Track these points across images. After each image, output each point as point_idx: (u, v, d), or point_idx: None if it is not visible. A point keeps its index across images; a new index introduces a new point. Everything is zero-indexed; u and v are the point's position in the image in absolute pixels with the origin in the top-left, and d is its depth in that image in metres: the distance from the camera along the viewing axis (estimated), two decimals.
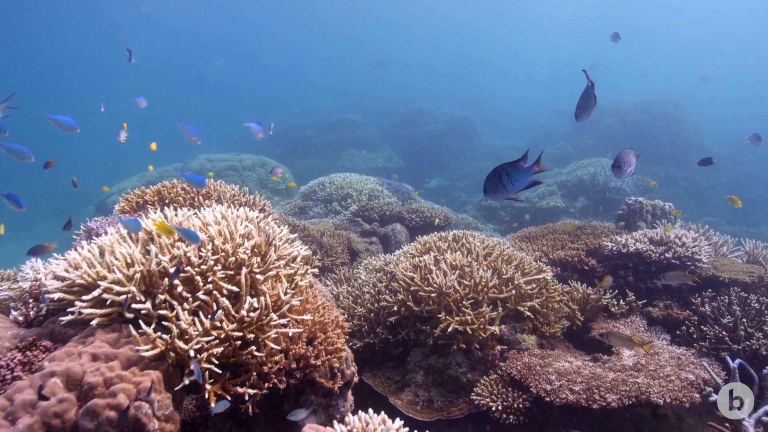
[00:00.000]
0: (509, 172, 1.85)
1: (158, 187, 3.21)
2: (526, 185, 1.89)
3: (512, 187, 1.85)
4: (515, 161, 1.85)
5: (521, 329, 3.48)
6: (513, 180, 1.84)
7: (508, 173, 1.85)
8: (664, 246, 3.93)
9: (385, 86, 31.62)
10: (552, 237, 4.65)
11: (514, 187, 1.85)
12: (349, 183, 8.01)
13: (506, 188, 1.86)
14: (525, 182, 1.86)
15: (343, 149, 19.48)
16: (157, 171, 13.22)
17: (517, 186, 1.85)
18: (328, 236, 4.96)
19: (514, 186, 1.85)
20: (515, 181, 1.84)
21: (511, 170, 1.85)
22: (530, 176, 1.86)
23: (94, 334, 1.83)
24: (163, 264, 1.97)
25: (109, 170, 27.93)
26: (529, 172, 1.85)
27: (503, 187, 1.86)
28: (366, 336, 3.60)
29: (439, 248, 3.96)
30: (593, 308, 3.74)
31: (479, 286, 3.45)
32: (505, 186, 1.86)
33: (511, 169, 1.85)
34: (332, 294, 4.16)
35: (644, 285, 3.90)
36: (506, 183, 1.85)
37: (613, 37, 5.28)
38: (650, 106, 16.89)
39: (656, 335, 3.57)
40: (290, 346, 2.14)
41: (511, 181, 1.84)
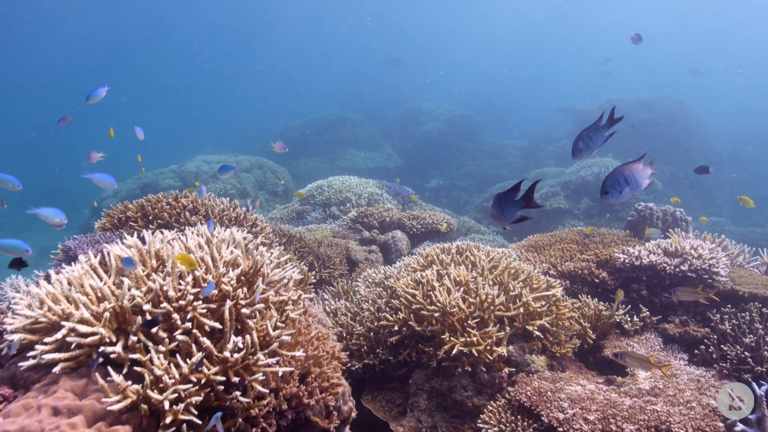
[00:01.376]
0: (501, 203, 1.98)
1: (142, 201, 3.00)
2: (515, 218, 2.02)
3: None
4: (507, 192, 1.97)
5: (530, 349, 3.28)
6: (504, 209, 1.99)
7: (500, 204, 1.99)
8: (679, 258, 3.72)
9: (384, 85, 31.32)
10: (560, 246, 4.45)
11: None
12: (348, 187, 7.80)
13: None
14: (513, 215, 2.00)
15: (342, 149, 19.26)
16: (153, 173, 13.02)
17: (507, 216, 1.99)
18: (325, 246, 4.76)
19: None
20: (506, 211, 1.98)
21: (503, 201, 1.98)
22: (518, 210, 1.99)
23: (58, 382, 1.63)
24: (137, 300, 1.76)
25: (108, 169, 27.75)
26: (517, 206, 1.97)
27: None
28: (365, 356, 3.40)
29: (442, 261, 3.76)
30: (605, 325, 3.54)
31: (485, 303, 3.25)
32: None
33: (503, 200, 1.98)
34: (330, 310, 3.96)
35: (659, 299, 3.70)
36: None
37: (634, 39, 5.04)
38: (653, 104, 16.66)
39: (673, 354, 3.37)
40: (281, 385, 1.94)
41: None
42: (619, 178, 2.06)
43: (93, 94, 2.75)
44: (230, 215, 3.08)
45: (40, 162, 30.37)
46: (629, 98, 17.52)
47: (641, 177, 2.08)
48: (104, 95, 2.73)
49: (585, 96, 25.29)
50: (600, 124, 2.12)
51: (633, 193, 2.08)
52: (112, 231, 2.87)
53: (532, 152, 18.75)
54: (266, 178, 12.98)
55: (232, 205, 3.23)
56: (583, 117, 17.94)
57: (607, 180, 2.08)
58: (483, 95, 31.15)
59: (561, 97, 31.36)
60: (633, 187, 2.06)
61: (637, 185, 2.06)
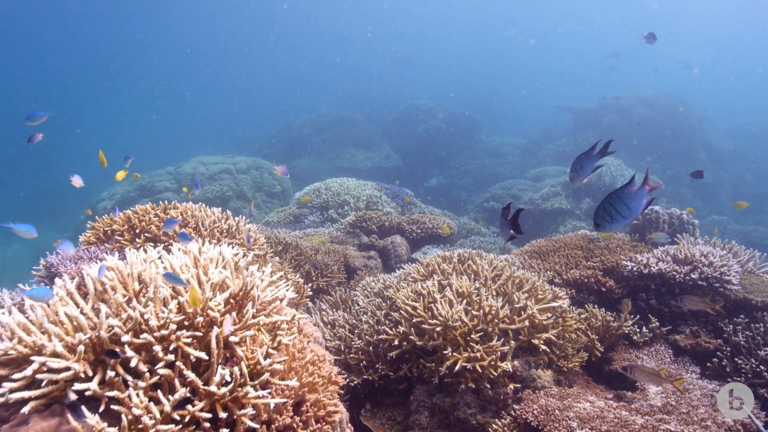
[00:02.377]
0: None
1: (129, 213, 2.86)
2: (508, 236, 1.98)
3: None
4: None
5: (536, 364, 3.15)
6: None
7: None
8: (688, 265, 3.59)
9: (382, 83, 31.14)
10: (564, 253, 4.32)
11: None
12: (346, 189, 7.66)
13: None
14: (507, 233, 1.96)
15: (340, 148, 19.11)
16: (149, 175, 12.85)
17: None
18: (322, 254, 4.62)
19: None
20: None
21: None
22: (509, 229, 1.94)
23: (28, 422, 1.50)
24: (116, 330, 1.63)
25: (107, 169, 27.56)
26: (508, 225, 1.92)
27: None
28: (364, 371, 3.26)
29: (444, 271, 3.62)
30: (613, 337, 3.41)
31: (489, 316, 3.12)
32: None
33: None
34: (327, 320, 3.83)
35: (668, 309, 3.57)
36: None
37: (648, 38, 4.89)
38: (654, 101, 16.52)
39: (684, 367, 3.24)
40: (273, 416, 1.80)
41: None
42: (609, 207, 1.84)
43: (33, 115, 2.63)
44: (221, 227, 2.94)
45: (37, 163, 30.18)
46: (630, 96, 17.38)
47: (636, 200, 1.83)
48: (43, 119, 2.61)
49: (585, 93, 25.10)
50: (592, 153, 2.03)
51: (628, 221, 1.86)
52: (98, 245, 2.73)
53: (532, 150, 18.61)
54: (263, 179, 12.83)
55: (224, 216, 3.09)
56: (583, 115, 17.80)
57: (598, 210, 1.87)
58: (482, 92, 30.97)
59: (560, 94, 31.21)
60: (627, 214, 1.83)
61: (631, 211, 1.83)
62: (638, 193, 1.79)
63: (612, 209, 1.81)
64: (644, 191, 1.79)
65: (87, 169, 23.39)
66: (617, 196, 1.81)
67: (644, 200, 1.80)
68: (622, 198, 1.80)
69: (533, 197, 10.52)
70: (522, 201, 10.53)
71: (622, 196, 1.80)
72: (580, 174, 2.03)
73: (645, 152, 15.14)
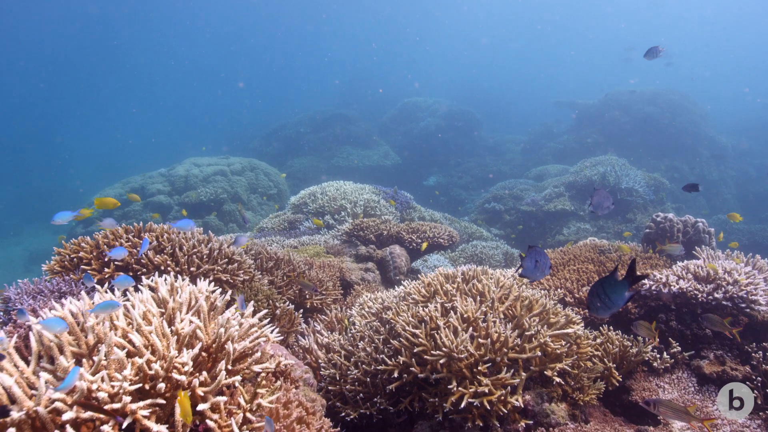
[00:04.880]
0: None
1: (99, 238, 2.57)
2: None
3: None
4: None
5: (548, 397, 2.88)
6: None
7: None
8: (711, 284, 3.32)
9: (379, 80, 30.76)
10: (575, 267, 4.04)
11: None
12: (343, 194, 7.38)
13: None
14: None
15: (338, 147, 18.79)
16: (142, 176, 12.54)
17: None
18: (316, 268, 4.35)
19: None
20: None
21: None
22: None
23: None
24: (58, 405, 1.35)
25: (101, 170, 27.25)
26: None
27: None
28: (361, 405, 2.99)
29: (447, 292, 3.35)
30: (632, 363, 3.14)
31: (497, 344, 2.84)
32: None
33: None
34: (322, 343, 3.56)
35: (690, 331, 3.30)
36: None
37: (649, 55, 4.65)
38: (657, 97, 16.22)
39: (709, 398, 2.98)
40: None
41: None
42: (599, 292, 1.94)
43: (58, 216, 2.40)
44: (201, 252, 2.65)
45: (30, 163, 29.83)
46: (633, 91, 17.07)
47: (616, 293, 1.92)
48: (69, 219, 2.37)
49: (590, 89, 24.70)
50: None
51: (613, 310, 1.95)
52: (63, 275, 2.45)
53: (533, 148, 18.31)
54: (259, 180, 12.53)
55: (204, 238, 2.80)
56: (584, 111, 17.50)
57: (591, 294, 1.97)
58: (481, 88, 30.60)
59: (562, 90, 30.88)
60: (610, 305, 1.94)
61: (613, 303, 1.94)
62: (619, 285, 1.90)
63: (602, 296, 1.92)
64: (625, 285, 1.88)
65: (78, 169, 23.01)
66: (601, 285, 1.93)
67: (624, 293, 1.89)
68: (604, 288, 1.91)
69: (536, 198, 10.24)
70: (524, 202, 10.25)
71: (604, 286, 1.91)
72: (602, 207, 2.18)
73: (648, 149, 14.88)
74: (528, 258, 2.12)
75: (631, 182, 9.57)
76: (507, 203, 10.55)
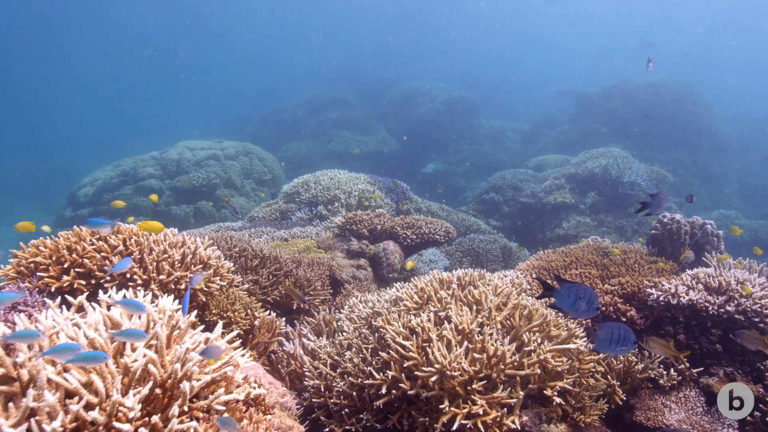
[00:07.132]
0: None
1: (59, 241, 2.33)
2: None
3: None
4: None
5: (547, 417, 2.69)
6: None
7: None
8: (723, 296, 3.12)
9: (378, 63, 30.17)
10: (577, 272, 3.83)
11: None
12: (337, 183, 7.13)
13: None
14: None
15: (335, 131, 18.43)
16: (133, 160, 12.23)
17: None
18: (305, 266, 4.13)
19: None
20: None
21: None
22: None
23: None
24: None
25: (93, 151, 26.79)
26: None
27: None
28: (347, 420, 2.80)
29: (441, 300, 3.13)
30: (636, 380, 2.95)
31: (493, 359, 2.64)
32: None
33: None
34: (308, 349, 3.36)
35: (698, 345, 3.11)
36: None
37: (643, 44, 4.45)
38: (661, 87, 15.88)
39: (719, 419, 2.80)
40: None
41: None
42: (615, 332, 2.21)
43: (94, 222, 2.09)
44: (173, 257, 2.41)
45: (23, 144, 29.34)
46: (636, 81, 16.72)
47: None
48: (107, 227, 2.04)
49: (594, 77, 24.21)
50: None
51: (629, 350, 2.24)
52: (18, 281, 2.22)
53: (533, 136, 18.00)
54: (253, 165, 12.24)
55: (178, 241, 2.56)
56: (587, 100, 17.16)
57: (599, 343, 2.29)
58: (481, 74, 30.10)
59: (564, 78, 30.38)
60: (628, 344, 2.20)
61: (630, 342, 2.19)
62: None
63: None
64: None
65: (71, 150, 22.63)
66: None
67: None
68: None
69: (535, 189, 10.00)
70: (523, 193, 10.01)
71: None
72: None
73: (651, 140, 14.59)
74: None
75: (634, 176, 9.33)
76: (506, 194, 10.31)
